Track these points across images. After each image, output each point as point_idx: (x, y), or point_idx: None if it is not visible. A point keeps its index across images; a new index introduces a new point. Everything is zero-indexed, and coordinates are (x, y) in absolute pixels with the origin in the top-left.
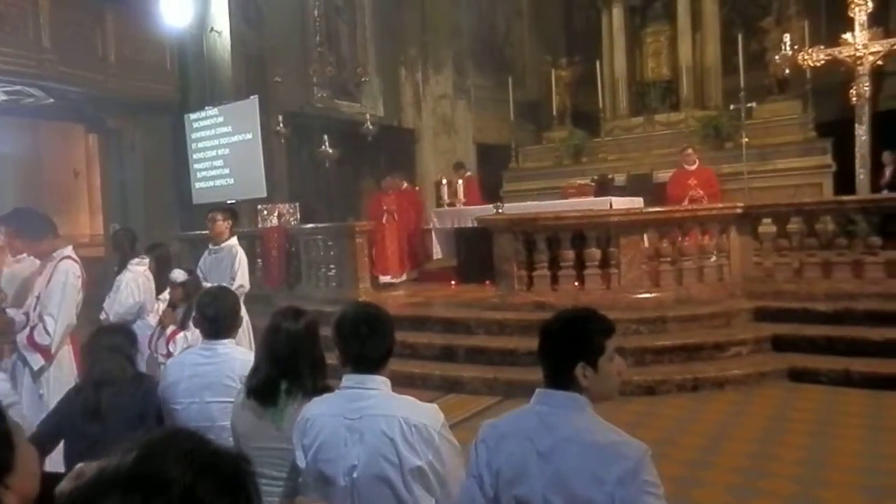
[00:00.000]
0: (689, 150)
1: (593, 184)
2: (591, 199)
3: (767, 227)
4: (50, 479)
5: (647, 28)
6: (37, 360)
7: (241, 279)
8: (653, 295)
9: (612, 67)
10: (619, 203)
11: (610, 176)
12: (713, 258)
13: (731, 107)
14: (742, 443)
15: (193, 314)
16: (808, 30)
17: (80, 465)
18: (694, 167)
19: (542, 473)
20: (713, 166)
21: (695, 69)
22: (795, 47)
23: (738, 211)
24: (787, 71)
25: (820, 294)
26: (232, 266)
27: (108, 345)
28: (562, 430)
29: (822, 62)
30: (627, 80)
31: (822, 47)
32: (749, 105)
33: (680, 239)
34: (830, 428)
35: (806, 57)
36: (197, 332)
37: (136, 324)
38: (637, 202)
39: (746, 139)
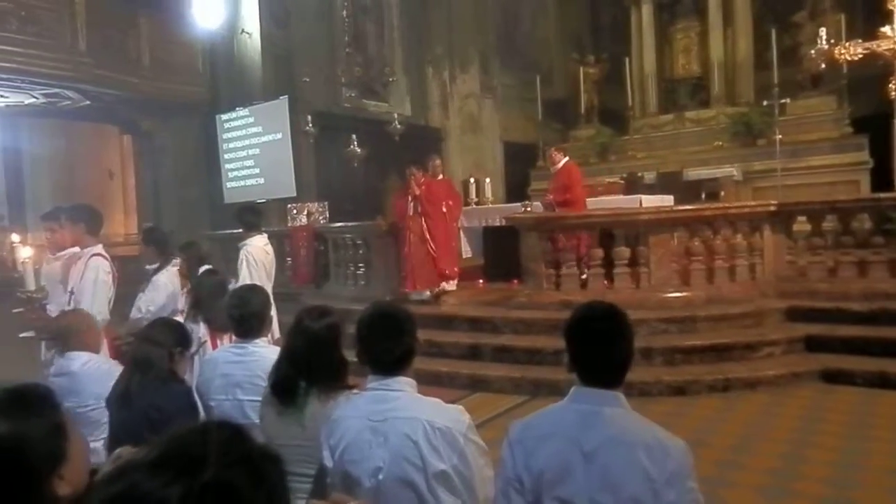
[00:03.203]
0: (552, 150)
1: (622, 182)
2: (621, 197)
3: (801, 225)
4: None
5: (677, 24)
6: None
7: (242, 279)
8: (683, 294)
9: (641, 64)
10: (649, 201)
11: (639, 174)
12: (745, 257)
13: (765, 103)
14: (774, 444)
15: (195, 312)
16: (845, 23)
17: (119, 449)
18: (555, 168)
19: (588, 473)
20: (744, 163)
21: (726, 65)
22: (831, 41)
23: (772, 209)
24: (823, 66)
25: (855, 293)
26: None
27: (153, 335)
28: (608, 429)
29: (860, 56)
30: (656, 77)
31: (859, 41)
32: (782, 101)
33: (711, 237)
34: (865, 430)
35: (843, 51)
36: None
37: None
38: (667, 200)
39: (780, 136)
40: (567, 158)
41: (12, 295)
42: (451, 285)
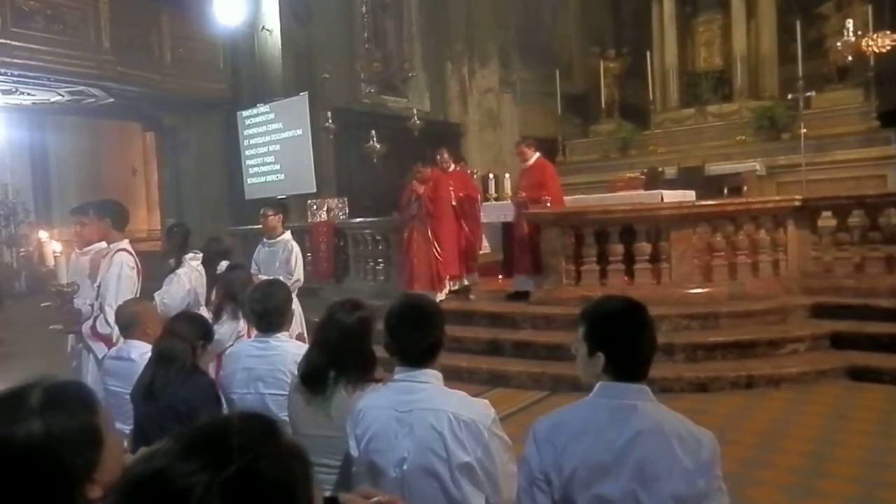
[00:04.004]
0: (521, 145)
1: (643, 177)
2: (641, 192)
3: (827, 220)
4: None
5: (699, 17)
6: (100, 349)
7: (298, 274)
8: (705, 290)
9: (663, 58)
10: (671, 196)
11: (660, 169)
12: (769, 253)
13: (789, 96)
14: (799, 442)
15: (233, 307)
16: (872, 15)
17: (143, 449)
18: (527, 165)
19: (624, 467)
20: (767, 158)
21: (749, 58)
22: (858, 33)
23: (796, 204)
24: (849, 58)
25: (883, 290)
26: (288, 261)
27: (177, 329)
28: (640, 422)
29: (888, 48)
30: (678, 71)
31: (887, 32)
32: (807, 94)
33: (734, 233)
34: (893, 428)
35: (870, 43)
36: (227, 326)
37: None
38: (688, 195)
39: (804, 130)
40: (538, 154)
41: (40, 289)
42: (449, 285)
